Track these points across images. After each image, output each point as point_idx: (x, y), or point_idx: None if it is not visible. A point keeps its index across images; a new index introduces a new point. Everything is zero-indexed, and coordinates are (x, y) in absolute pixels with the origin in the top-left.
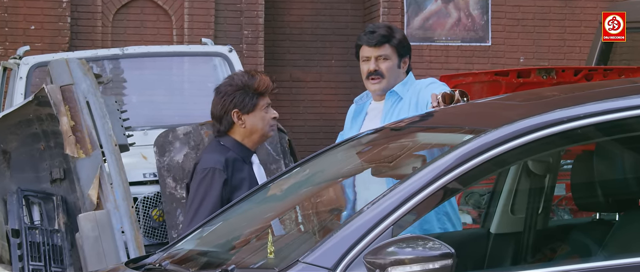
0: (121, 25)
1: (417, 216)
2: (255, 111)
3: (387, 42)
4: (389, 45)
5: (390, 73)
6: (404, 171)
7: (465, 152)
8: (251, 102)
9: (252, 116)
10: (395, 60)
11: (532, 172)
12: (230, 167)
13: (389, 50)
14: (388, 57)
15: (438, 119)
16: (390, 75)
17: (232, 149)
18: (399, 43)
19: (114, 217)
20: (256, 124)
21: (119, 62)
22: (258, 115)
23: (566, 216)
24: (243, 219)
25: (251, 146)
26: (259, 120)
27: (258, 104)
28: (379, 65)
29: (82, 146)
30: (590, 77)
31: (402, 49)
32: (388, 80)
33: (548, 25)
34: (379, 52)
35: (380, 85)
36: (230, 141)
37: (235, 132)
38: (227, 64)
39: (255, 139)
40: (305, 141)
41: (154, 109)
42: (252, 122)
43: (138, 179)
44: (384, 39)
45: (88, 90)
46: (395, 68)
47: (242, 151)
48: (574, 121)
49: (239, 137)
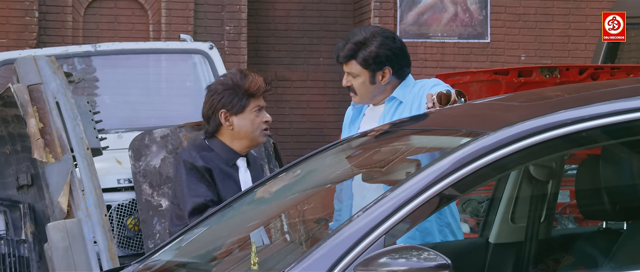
0: (93, 20)
1: (411, 225)
2: (244, 113)
3: (352, 59)
4: (354, 62)
5: (362, 89)
6: (397, 176)
7: (463, 156)
8: (240, 103)
9: (240, 118)
10: (365, 76)
11: (534, 178)
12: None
13: (355, 67)
14: (355, 74)
15: (433, 121)
16: (362, 91)
17: (217, 150)
18: (366, 59)
19: (86, 227)
20: (245, 127)
21: (91, 59)
22: (247, 118)
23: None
24: (225, 228)
25: (240, 149)
26: (247, 123)
27: (248, 105)
28: (350, 81)
29: (51, 150)
30: (596, 76)
31: (372, 64)
32: (361, 97)
33: (551, 20)
34: (347, 69)
35: (356, 100)
36: (216, 143)
37: (224, 134)
38: (207, 62)
39: (245, 144)
40: (291, 144)
41: (129, 110)
42: (240, 124)
43: (112, 185)
44: (347, 56)
45: (58, 90)
46: (367, 85)
47: (228, 153)
48: (578, 123)
49: (227, 140)
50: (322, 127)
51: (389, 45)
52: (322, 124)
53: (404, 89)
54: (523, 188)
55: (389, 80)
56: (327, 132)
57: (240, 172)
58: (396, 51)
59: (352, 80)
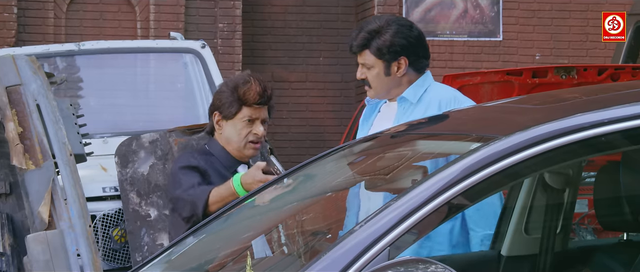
0: (77, 17)
1: (417, 236)
2: (234, 120)
3: (365, 48)
4: (368, 51)
5: (376, 83)
6: (403, 184)
7: (473, 162)
8: (231, 109)
9: (230, 124)
10: (379, 68)
11: (549, 186)
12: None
13: (368, 57)
14: (369, 65)
15: (442, 125)
16: (377, 84)
17: (216, 155)
18: (379, 48)
19: (69, 238)
20: (230, 135)
21: (75, 59)
22: (235, 127)
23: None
24: (218, 239)
25: (236, 155)
26: (234, 132)
27: (239, 113)
28: (365, 73)
29: (31, 156)
30: (616, 77)
31: (387, 54)
32: (376, 90)
33: (568, 17)
34: (361, 60)
35: (371, 94)
36: (215, 146)
37: (218, 136)
38: (199, 62)
39: (234, 153)
40: (289, 150)
41: (115, 114)
42: (228, 131)
43: (97, 194)
44: (361, 46)
45: (38, 92)
46: (382, 77)
47: (226, 158)
48: (597, 127)
49: (223, 142)
50: (322, 132)
51: (404, 33)
52: (322, 128)
53: (417, 90)
54: (537, 197)
55: (405, 72)
56: (328, 137)
57: None
58: (412, 40)
59: (366, 72)
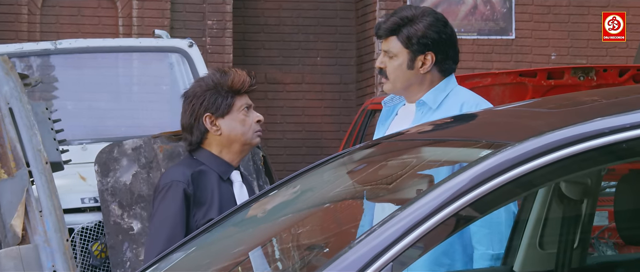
0: (53, 13)
1: (423, 250)
2: (231, 113)
3: (393, 34)
4: (395, 38)
5: (396, 75)
6: (407, 194)
7: (483, 171)
8: (225, 103)
9: (228, 120)
10: (403, 58)
11: (566, 197)
12: (196, 181)
13: (395, 45)
14: (393, 53)
15: (449, 131)
16: (395, 77)
17: (207, 164)
18: (409, 37)
19: (44, 254)
20: (235, 129)
21: (51, 58)
22: (236, 118)
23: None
24: (208, 253)
25: (232, 159)
26: (237, 125)
27: (234, 104)
28: (385, 62)
29: (3, 164)
30: (639, 78)
31: (415, 45)
32: (394, 83)
33: (586, 13)
34: (385, 46)
35: (387, 88)
36: (204, 155)
37: (211, 142)
38: (186, 61)
39: (237, 149)
40: (284, 157)
41: (95, 118)
42: (230, 126)
43: (75, 205)
44: (389, 30)
45: (11, 95)
46: (404, 69)
47: (220, 166)
48: (618, 133)
49: (216, 149)
50: (319, 138)
51: (438, 28)
52: (319, 133)
53: (437, 94)
54: (553, 208)
55: (429, 69)
56: (326, 143)
57: (235, 187)
58: (445, 37)
59: (388, 61)
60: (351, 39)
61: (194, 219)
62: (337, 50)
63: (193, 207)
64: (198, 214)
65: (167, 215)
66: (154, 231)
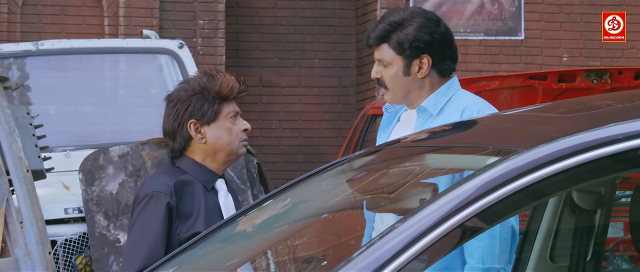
0: (34, 12)
1: (427, 263)
2: (217, 120)
3: (383, 42)
4: (386, 45)
5: (394, 82)
6: (410, 204)
7: (490, 179)
8: (212, 109)
9: (214, 127)
10: (398, 65)
11: (578, 207)
12: (180, 192)
13: (387, 52)
14: (387, 61)
15: (454, 137)
16: (394, 85)
17: (189, 172)
18: (400, 42)
19: (25, 267)
20: (221, 138)
21: (32, 60)
22: (223, 126)
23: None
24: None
25: (216, 167)
26: (224, 133)
27: (221, 111)
28: (381, 71)
29: None
30: None
31: (408, 50)
32: (394, 93)
33: (599, 12)
34: (377, 55)
35: (388, 98)
36: (187, 163)
37: (195, 150)
38: (176, 63)
39: (222, 159)
40: (279, 165)
41: (80, 124)
42: (215, 135)
43: (58, 216)
44: (379, 38)
45: None
46: (401, 77)
47: (204, 174)
48: (633, 139)
49: (200, 157)
50: (317, 144)
51: (430, 28)
52: (317, 140)
53: (438, 99)
54: (564, 219)
55: (426, 73)
56: (324, 150)
57: (220, 196)
58: (438, 37)
59: (383, 70)
60: (351, 39)
61: (177, 232)
62: (335, 52)
63: (175, 220)
64: (181, 227)
65: (146, 228)
66: (132, 246)
